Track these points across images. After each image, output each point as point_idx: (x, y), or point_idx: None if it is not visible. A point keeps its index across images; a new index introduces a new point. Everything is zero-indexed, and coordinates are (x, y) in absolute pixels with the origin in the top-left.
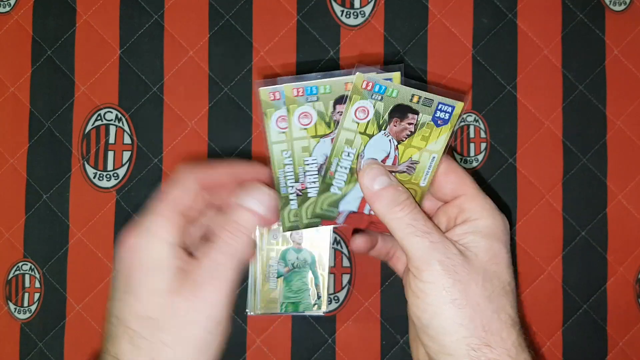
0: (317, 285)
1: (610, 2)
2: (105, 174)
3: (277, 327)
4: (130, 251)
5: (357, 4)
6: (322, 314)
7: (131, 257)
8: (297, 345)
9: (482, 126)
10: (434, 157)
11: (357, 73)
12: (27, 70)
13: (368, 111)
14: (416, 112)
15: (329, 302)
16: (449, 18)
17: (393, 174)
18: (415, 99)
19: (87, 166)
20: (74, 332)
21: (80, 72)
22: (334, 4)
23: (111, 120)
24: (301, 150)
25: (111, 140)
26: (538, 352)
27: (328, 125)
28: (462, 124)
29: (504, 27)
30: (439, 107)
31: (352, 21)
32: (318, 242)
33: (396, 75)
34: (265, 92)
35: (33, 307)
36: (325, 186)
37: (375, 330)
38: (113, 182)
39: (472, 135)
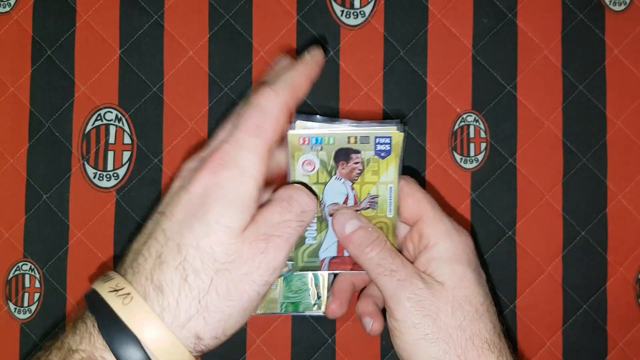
0: (317, 285)
1: (611, 2)
2: (105, 174)
3: (277, 327)
4: (215, 180)
5: (357, 4)
6: (322, 314)
7: (215, 187)
8: (297, 345)
9: (482, 126)
10: (390, 188)
11: (290, 132)
12: (27, 70)
13: (314, 163)
14: (358, 152)
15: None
16: (449, 18)
17: (358, 212)
18: (352, 140)
19: (87, 166)
20: None
21: (80, 72)
22: (333, 4)
23: (111, 120)
24: None
25: (111, 140)
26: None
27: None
28: (462, 124)
29: (504, 27)
30: (377, 142)
31: (352, 21)
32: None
33: (395, 133)
34: (294, 137)
35: (33, 307)
36: (300, 240)
37: None
38: (113, 182)
39: (472, 135)
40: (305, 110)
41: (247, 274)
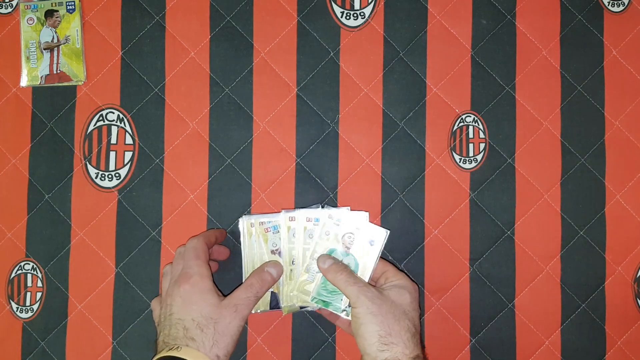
0: None
1: (609, 3)
2: (107, 174)
3: (278, 326)
4: (190, 285)
5: (357, 5)
6: (348, 318)
7: (191, 288)
8: (298, 344)
9: (481, 127)
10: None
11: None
12: None
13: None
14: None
15: None
16: (448, 19)
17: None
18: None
19: (89, 166)
20: (76, 331)
21: None
22: (334, 5)
23: (113, 120)
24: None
25: (113, 140)
26: (424, 351)
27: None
28: (461, 124)
29: (503, 28)
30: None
31: (352, 22)
32: (367, 252)
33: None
34: (243, 222)
35: (35, 306)
36: (304, 274)
37: None
38: (115, 182)
39: (471, 135)
40: (306, 110)
41: (230, 322)
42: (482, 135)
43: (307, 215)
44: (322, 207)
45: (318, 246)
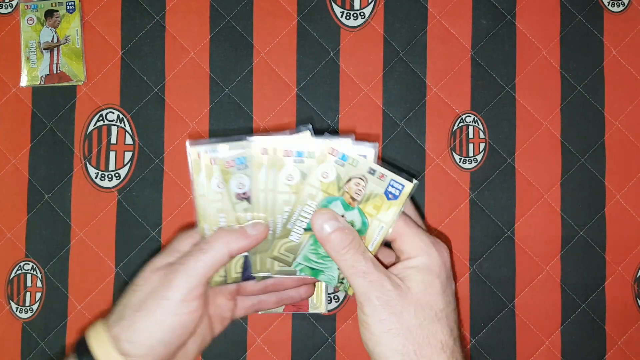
0: None
1: (609, 3)
2: (107, 174)
3: (278, 326)
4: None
5: (357, 5)
6: (348, 293)
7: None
8: (298, 344)
9: (481, 127)
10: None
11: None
12: None
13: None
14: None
15: (329, 301)
16: (448, 19)
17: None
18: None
19: (88, 166)
20: (76, 331)
21: None
22: (334, 5)
23: (113, 120)
24: (282, 203)
25: (113, 140)
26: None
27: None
28: (461, 124)
29: (503, 28)
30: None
31: (352, 22)
32: (382, 210)
33: (409, 185)
34: (194, 152)
35: (35, 307)
36: (286, 231)
37: None
38: (115, 182)
39: (471, 135)
40: (305, 110)
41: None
42: (482, 135)
43: (290, 148)
44: (313, 132)
45: (307, 194)
